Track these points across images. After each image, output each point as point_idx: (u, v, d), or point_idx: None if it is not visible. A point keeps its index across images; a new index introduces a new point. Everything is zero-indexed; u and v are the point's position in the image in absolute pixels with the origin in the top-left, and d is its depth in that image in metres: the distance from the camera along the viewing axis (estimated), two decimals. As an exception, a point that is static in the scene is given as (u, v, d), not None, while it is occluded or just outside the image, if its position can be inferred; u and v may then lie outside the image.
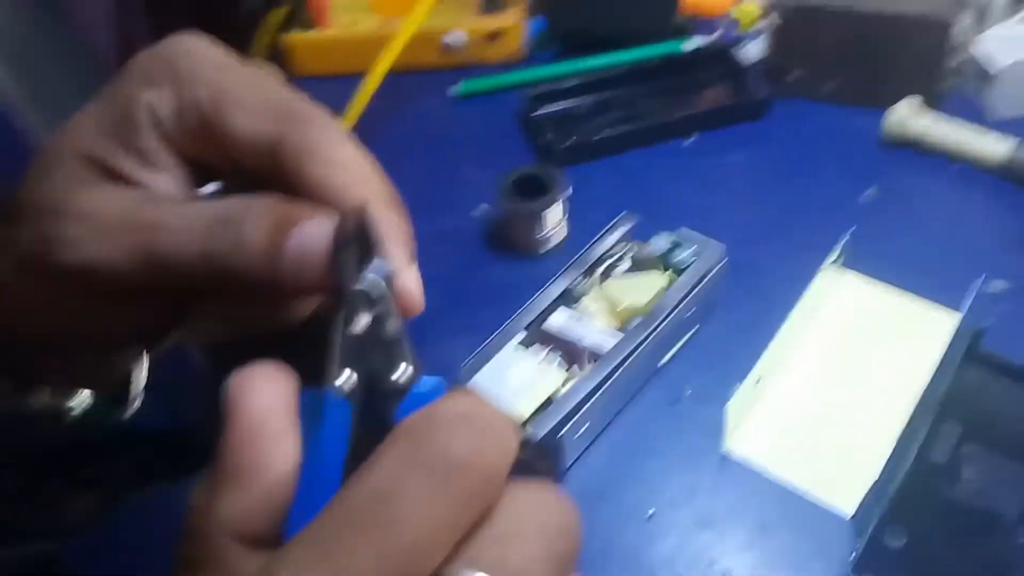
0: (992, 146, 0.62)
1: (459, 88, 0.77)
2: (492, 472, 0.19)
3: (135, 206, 0.24)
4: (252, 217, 0.24)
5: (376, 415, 0.21)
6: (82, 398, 0.38)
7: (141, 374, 0.32)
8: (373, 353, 0.21)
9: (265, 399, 0.21)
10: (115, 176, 0.25)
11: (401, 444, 0.19)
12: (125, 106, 0.25)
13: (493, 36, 0.78)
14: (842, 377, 0.52)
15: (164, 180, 0.26)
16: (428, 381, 0.22)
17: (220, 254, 0.24)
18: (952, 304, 0.53)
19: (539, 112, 0.72)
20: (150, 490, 0.46)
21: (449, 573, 0.18)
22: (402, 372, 0.21)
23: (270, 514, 0.20)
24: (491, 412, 0.20)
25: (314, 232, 0.23)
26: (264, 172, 0.25)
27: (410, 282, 0.26)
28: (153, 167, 0.25)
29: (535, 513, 0.20)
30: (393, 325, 0.22)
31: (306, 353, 0.22)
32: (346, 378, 0.20)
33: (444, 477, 0.19)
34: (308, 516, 0.18)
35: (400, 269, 0.25)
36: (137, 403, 0.34)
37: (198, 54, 0.26)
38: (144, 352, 0.32)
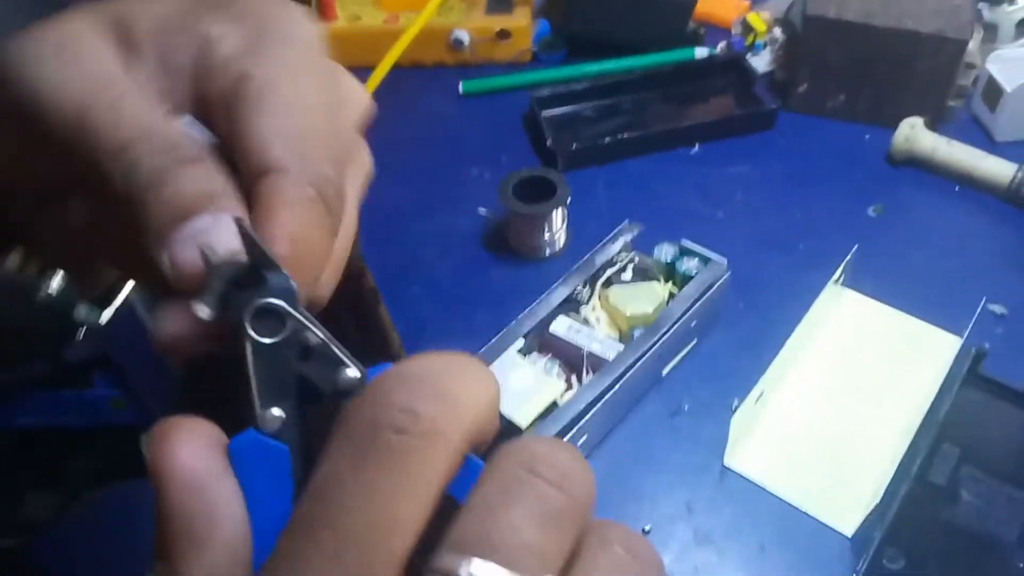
0: (997, 168, 0.62)
1: (463, 86, 0.76)
2: (440, 435, 0.18)
3: (116, 71, 0.23)
4: (173, 178, 0.22)
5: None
6: (57, 282, 0.36)
7: (126, 287, 0.31)
8: (306, 369, 0.20)
9: (192, 454, 0.19)
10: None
11: (335, 435, 0.18)
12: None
13: (501, 35, 0.78)
14: (843, 396, 0.51)
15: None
16: (380, 370, 0.20)
17: (136, 183, 0.22)
18: (953, 326, 0.53)
19: (545, 114, 0.71)
20: (112, 488, 0.46)
21: (433, 564, 0.17)
22: (341, 376, 0.20)
23: (238, 567, 0.19)
24: (443, 372, 0.19)
25: (206, 228, 0.21)
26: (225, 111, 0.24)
27: (322, 290, 0.24)
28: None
29: (520, 471, 0.18)
30: (314, 336, 0.20)
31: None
32: (271, 418, 0.19)
33: (378, 455, 0.17)
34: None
35: (304, 271, 0.22)
36: (111, 311, 0.32)
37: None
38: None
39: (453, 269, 0.61)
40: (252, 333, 0.20)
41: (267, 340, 0.20)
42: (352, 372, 0.20)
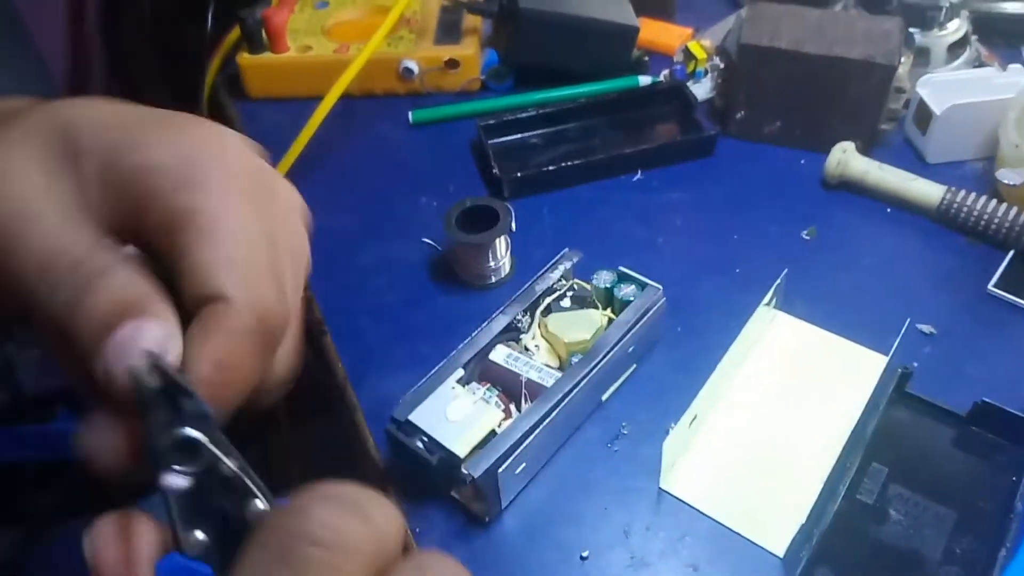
0: (927, 190, 0.64)
1: (412, 116, 0.77)
2: (358, 554, 0.18)
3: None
4: (93, 290, 0.23)
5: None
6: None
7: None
8: (221, 498, 0.21)
9: (123, 555, 0.20)
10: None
11: (252, 542, 0.19)
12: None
13: (450, 65, 0.79)
14: (774, 418, 0.53)
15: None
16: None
17: (56, 304, 0.23)
18: (882, 346, 0.55)
19: (491, 142, 0.72)
20: (75, 524, 0.45)
21: None
22: (250, 508, 0.21)
23: None
24: (360, 496, 0.20)
25: (133, 336, 0.22)
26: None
27: (268, 399, 0.25)
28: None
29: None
30: (229, 466, 0.21)
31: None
32: (193, 541, 0.20)
33: (295, 567, 0.18)
34: None
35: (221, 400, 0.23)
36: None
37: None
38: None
39: (399, 298, 0.61)
40: (167, 471, 0.21)
41: (183, 475, 0.21)
42: (261, 505, 0.21)
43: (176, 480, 0.21)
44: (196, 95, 0.85)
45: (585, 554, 0.46)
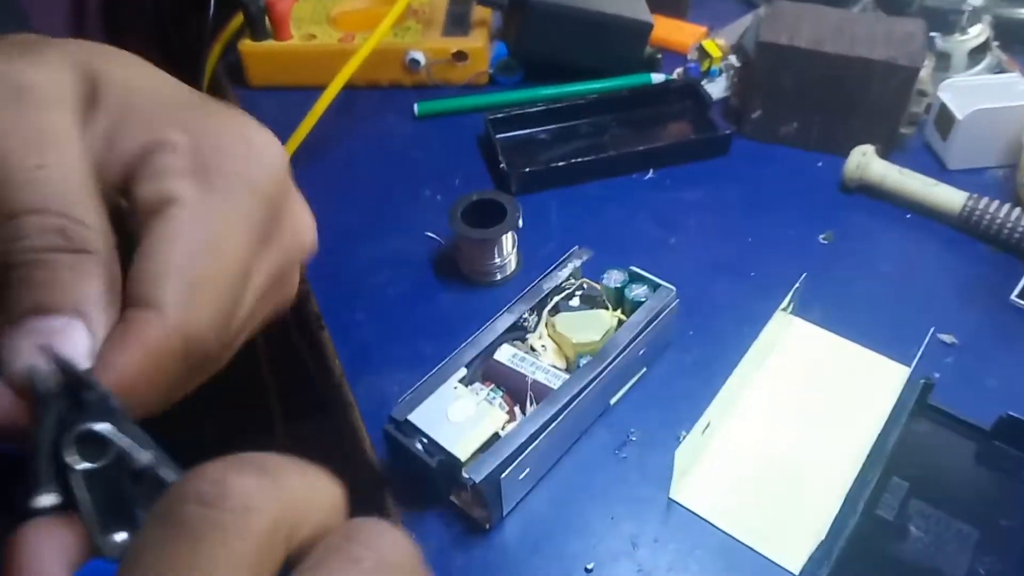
0: (948, 196, 0.62)
1: (417, 108, 0.75)
2: (253, 513, 0.17)
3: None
4: (53, 265, 0.21)
5: None
6: None
7: None
8: (138, 493, 0.19)
9: (46, 563, 0.18)
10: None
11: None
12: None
13: (457, 57, 0.77)
14: (790, 428, 0.50)
15: None
16: None
17: (15, 251, 0.21)
18: (902, 356, 0.53)
19: (499, 137, 0.70)
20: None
21: None
22: None
23: None
24: (279, 461, 0.18)
25: (53, 330, 0.20)
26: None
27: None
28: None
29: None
30: (142, 458, 0.20)
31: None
32: (112, 544, 0.19)
33: (176, 529, 0.16)
34: None
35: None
36: None
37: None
38: None
39: (401, 294, 0.59)
40: (75, 463, 0.19)
41: (89, 466, 0.19)
42: None
43: (46, 500, 0.19)
44: (196, 82, 0.82)
45: (590, 566, 0.44)
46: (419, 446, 0.44)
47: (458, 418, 0.45)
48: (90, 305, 0.21)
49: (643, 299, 0.52)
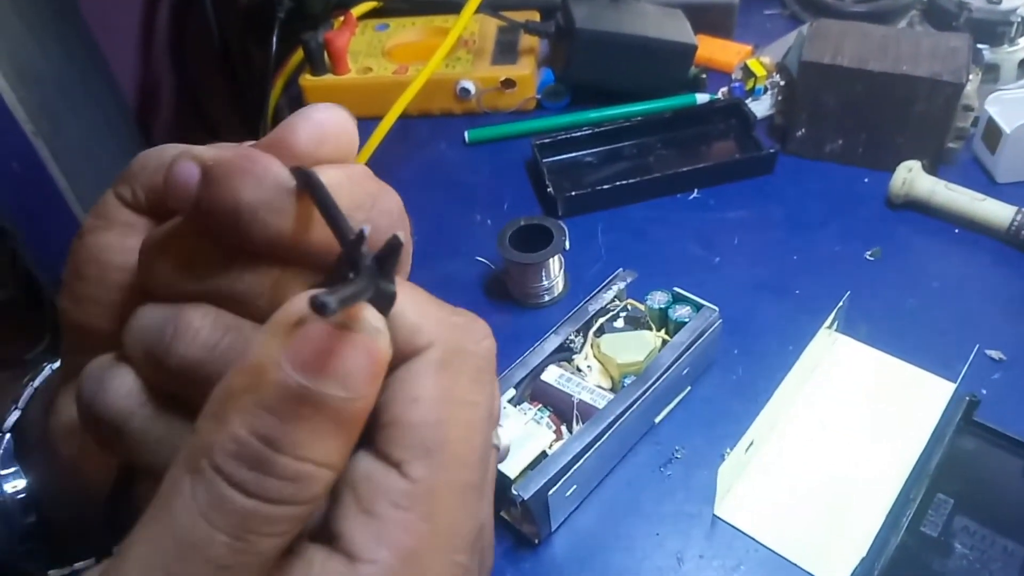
0: (996, 211, 0.62)
1: (468, 135, 0.78)
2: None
3: None
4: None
5: None
6: None
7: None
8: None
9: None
10: None
11: None
12: None
13: (506, 84, 0.80)
14: (835, 444, 0.51)
15: None
16: None
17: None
18: (948, 372, 0.53)
19: (546, 161, 0.73)
20: None
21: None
22: None
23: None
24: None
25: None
26: None
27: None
28: None
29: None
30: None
31: None
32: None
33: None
34: None
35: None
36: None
37: None
38: None
39: (453, 316, 0.62)
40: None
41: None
42: None
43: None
44: (260, 114, 0.87)
45: (636, 580, 0.45)
46: (470, 464, 0.46)
47: (507, 438, 0.47)
48: None
49: (686, 319, 0.53)
